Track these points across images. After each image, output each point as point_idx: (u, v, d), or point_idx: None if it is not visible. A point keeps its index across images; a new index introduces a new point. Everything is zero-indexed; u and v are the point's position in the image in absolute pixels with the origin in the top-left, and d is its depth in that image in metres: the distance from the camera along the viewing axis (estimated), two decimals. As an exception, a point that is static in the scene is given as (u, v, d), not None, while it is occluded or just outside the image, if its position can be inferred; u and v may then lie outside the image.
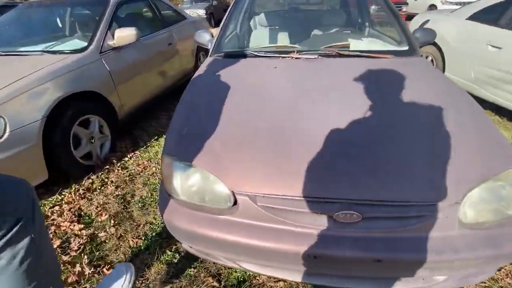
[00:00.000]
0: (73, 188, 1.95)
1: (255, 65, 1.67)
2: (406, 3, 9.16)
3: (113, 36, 2.40)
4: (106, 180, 2.07)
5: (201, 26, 4.44)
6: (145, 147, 2.54)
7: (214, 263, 1.42)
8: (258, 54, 1.76)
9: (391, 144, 1.02)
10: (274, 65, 1.62)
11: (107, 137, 2.35)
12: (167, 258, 1.43)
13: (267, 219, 0.94)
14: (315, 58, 1.66)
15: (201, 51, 4.35)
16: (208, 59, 1.83)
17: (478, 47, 2.82)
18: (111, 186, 1.99)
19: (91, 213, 1.75)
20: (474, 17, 3.00)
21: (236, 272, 1.37)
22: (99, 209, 1.78)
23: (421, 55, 1.77)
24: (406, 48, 1.78)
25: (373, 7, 2.97)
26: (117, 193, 1.92)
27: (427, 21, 3.51)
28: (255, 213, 0.94)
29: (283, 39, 2.14)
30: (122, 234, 1.59)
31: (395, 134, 1.07)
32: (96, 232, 1.61)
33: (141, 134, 2.76)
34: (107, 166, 2.19)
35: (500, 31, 2.68)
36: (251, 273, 1.35)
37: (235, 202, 0.98)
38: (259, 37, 2.30)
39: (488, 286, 1.28)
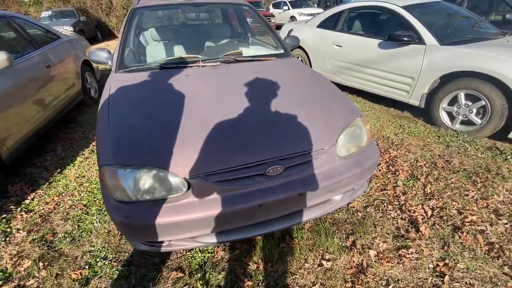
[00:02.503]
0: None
1: (168, 75, 1.82)
2: (273, 16, 11.15)
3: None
4: (8, 229, 1.74)
5: (81, 45, 4.05)
6: (48, 183, 2.22)
7: (171, 258, 1.52)
8: (166, 66, 1.92)
9: (287, 115, 1.43)
10: (185, 74, 1.83)
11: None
12: (122, 274, 1.42)
13: (219, 191, 1.17)
14: (218, 64, 1.97)
15: (86, 71, 3.98)
16: (116, 76, 1.84)
17: (328, 47, 3.85)
18: (20, 233, 1.70)
19: (6, 267, 1.48)
20: (321, 25, 4.06)
21: (195, 259, 1.51)
22: (14, 259, 1.52)
23: (293, 56, 2.37)
24: (282, 51, 2.34)
25: (249, 19, 3.57)
26: (32, 238, 1.66)
27: (292, 29, 4.45)
28: (209, 189, 1.16)
29: (180, 51, 2.37)
30: (59, 272, 1.44)
31: (288, 107, 1.49)
32: (23, 282, 1.39)
33: (37, 171, 2.37)
34: (4, 215, 1.83)
35: (338, 34, 3.76)
36: (209, 255, 1.53)
37: (189, 187, 1.17)
38: (159, 52, 2.43)
39: (366, 200, 1.92)
